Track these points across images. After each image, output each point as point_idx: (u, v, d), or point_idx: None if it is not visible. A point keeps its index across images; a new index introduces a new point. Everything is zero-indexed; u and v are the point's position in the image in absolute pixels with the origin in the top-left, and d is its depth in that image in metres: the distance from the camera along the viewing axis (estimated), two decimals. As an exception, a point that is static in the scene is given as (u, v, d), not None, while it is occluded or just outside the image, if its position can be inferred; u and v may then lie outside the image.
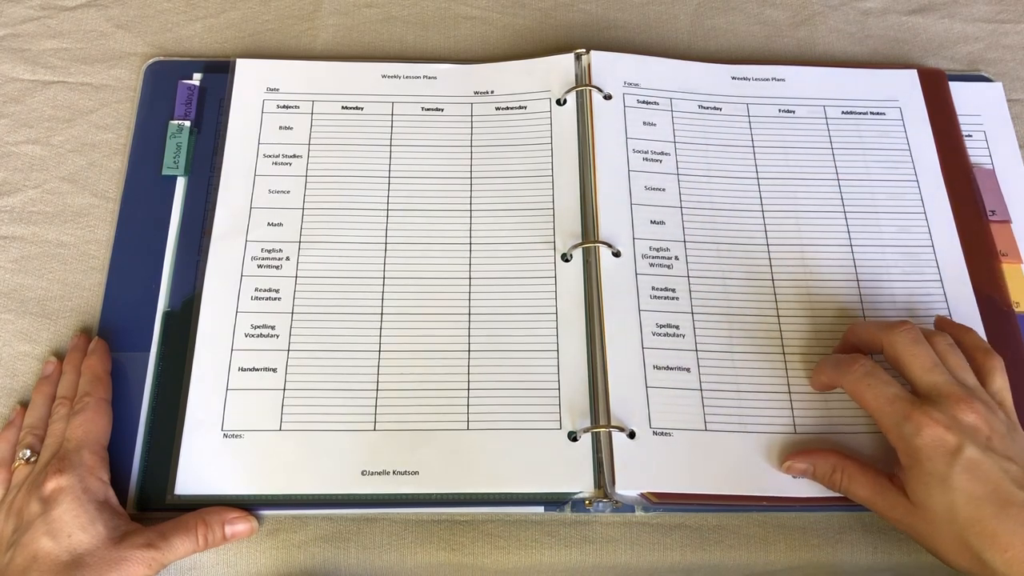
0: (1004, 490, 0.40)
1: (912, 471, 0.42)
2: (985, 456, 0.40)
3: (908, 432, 0.42)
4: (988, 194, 0.56)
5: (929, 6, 0.66)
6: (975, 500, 0.40)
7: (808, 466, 0.46)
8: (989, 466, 0.40)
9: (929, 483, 0.41)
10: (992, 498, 0.40)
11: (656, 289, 0.52)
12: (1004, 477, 0.40)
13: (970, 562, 0.40)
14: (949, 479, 0.40)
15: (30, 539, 0.42)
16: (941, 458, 0.41)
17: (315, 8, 0.64)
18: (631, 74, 0.58)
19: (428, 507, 0.48)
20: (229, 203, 0.54)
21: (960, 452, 0.40)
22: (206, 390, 0.49)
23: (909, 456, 0.42)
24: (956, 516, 0.40)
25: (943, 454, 0.41)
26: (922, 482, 0.41)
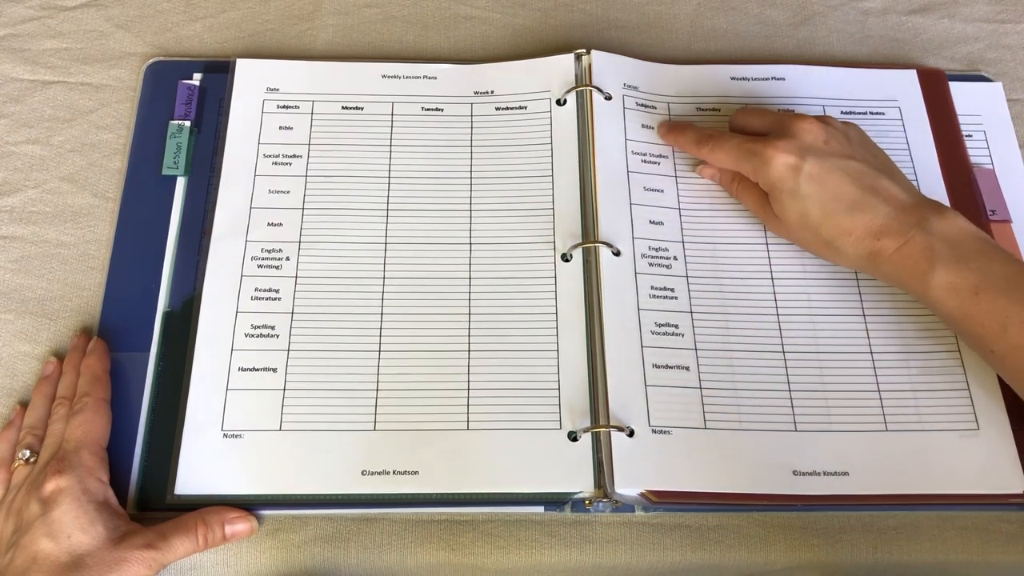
0: (844, 189, 0.47)
1: (772, 196, 0.50)
2: (824, 161, 0.48)
3: (760, 166, 0.49)
4: (988, 194, 0.56)
5: (929, 6, 0.66)
6: (821, 202, 0.48)
7: (715, 172, 0.55)
8: (829, 168, 0.48)
9: (782, 199, 0.49)
10: (834, 197, 0.47)
11: (655, 288, 0.52)
12: (843, 177, 0.48)
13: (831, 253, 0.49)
14: (797, 191, 0.48)
15: (30, 540, 0.42)
16: (789, 177, 0.48)
17: (315, 8, 0.64)
18: (630, 77, 0.58)
19: (428, 507, 0.48)
20: (229, 203, 0.54)
21: (801, 166, 0.48)
22: (206, 390, 0.49)
23: (768, 186, 0.50)
24: (809, 220, 0.48)
25: (789, 172, 0.48)
26: (779, 201, 0.49)
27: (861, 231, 0.47)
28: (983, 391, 0.49)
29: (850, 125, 0.52)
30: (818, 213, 0.48)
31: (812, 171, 0.48)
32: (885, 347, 0.51)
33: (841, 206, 0.47)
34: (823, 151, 0.48)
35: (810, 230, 0.49)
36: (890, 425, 0.49)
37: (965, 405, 0.49)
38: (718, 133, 0.53)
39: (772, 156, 0.49)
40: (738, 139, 0.51)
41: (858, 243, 0.47)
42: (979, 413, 0.49)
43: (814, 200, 0.48)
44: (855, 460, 0.47)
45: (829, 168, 0.48)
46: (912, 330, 0.51)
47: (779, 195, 0.49)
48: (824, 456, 0.47)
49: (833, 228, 0.48)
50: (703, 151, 0.53)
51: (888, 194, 0.47)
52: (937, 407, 0.49)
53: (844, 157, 0.48)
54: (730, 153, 0.51)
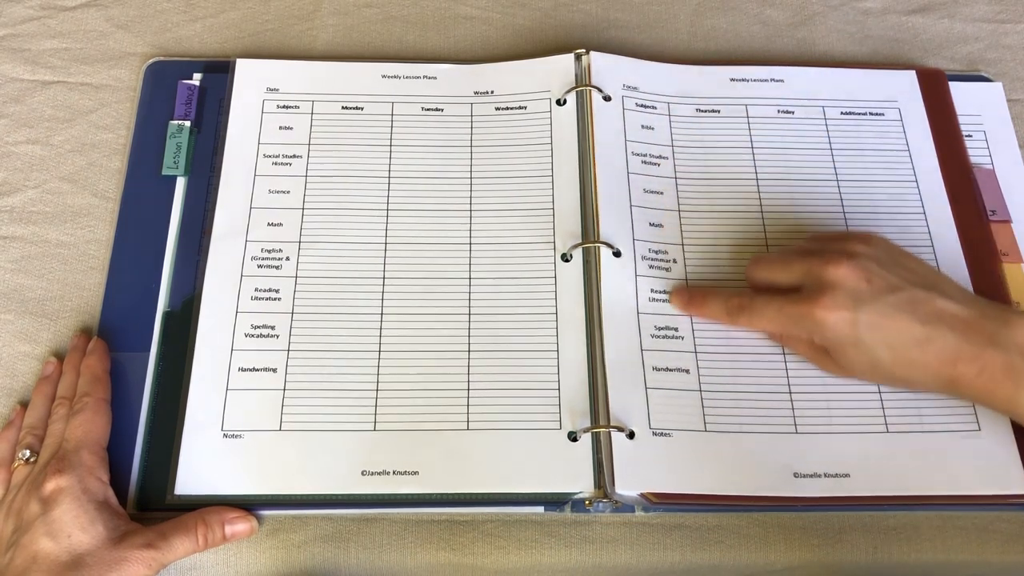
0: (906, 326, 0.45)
1: (833, 352, 0.47)
2: (877, 305, 0.45)
3: (813, 329, 0.47)
4: (988, 194, 0.56)
5: (929, 6, 0.66)
6: (888, 346, 0.45)
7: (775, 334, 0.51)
8: (885, 311, 0.45)
9: (847, 353, 0.47)
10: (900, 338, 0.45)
11: (655, 291, 0.52)
12: (903, 314, 0.45)
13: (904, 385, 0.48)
14: (860, 343, 0.46)
15: (30, 540, 0.42)
16: (848, 332, 0.46)
17: (315, 8, 0.64)
18: (630, 77, 0.58)
19: (428, 507, 0.48)
20: (229, 203, 0.54)
21: (857, 318, 0.45)
22: (206, 390, 0.49)
23: (826, 344, 0.47)
24: (880, 365, 0.46)
25: (847, 328, 0.45)
26: (843, 355, 0.47)
27: (935, 363, 0.45)
28: None
29: (872, 240, 0.48)
30: (888, 357, 0.45)
31: (870, 320, 0.45)
32: None
33: (909, 344, 0.45)
34: (872, 293, 0.45)
35: (881, 373, 0.47)
36: (891, 426, 0.49)
37: (966, 406, 0.49)
38: (748, 298, 0.49)
39: (823, 317, 0.45)
40: (776, 303, 0.48)
41: (935, 375, 0.45)
42: (980, 414, 0.49)
43: (880, 346, 0.45)
44: (856, 462, 0.47)
45: (885, 311, 0.45)
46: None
47: (842, 350, 0.47)
48: (825, 458, 0.47)
49: (905, 367, 0.46)
50: (740, 322, 0.50)
51: (950, 315, 0.45)
52: (938, 408, 0.49)
53: (893, 291, 0.46)
54: (773, 321, 0.48)
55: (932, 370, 0.45)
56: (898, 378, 0.47)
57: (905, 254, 0.48)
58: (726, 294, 0.50)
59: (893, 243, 0.49)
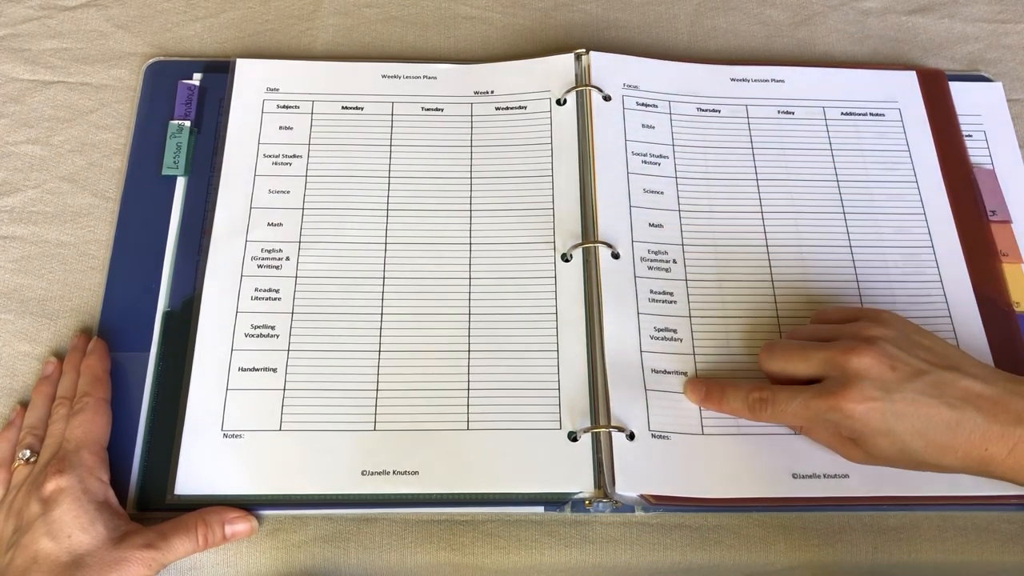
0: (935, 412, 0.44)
1: (861, 441, 0.45)
2: (905, 393, 0.44)
3: (842, 421, 0.45)
4: (988, 194, 0.56)
5: (929, 6, 0.66)
6: (917, 432, 0.44)
7: None
8: (913, 398, 0.44)
9: (876, 441, 0.45)
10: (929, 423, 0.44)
11: (654, 292, 0.52)
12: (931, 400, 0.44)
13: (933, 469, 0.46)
14: (890, 431, 0.44)
15: (30, 540, 0.42)
16: (877, 422, 0.44)
17: (315, 8, 0.64)
18: (630, 76, 0.58)
19: (428, 507, 0.48)
20: (229, 203, 0.54)
21: (886, 408, 0.44)
22: (206, 390, 0.49)
23: (854, 435, 0.45)
24: (909, 452, 0.44)
25: (877, 418, 0.44)
26: (872, 444, 0.45)
27: (965, 446, 0.44)
28: None
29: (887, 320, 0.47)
30: (919, 444, 0.44)
31: (900, 409, 0.44)
32: None
33: (939, 429, 0.44)
34: (898, 381, 0.44)
35: (912, 460, 0.45)
36: (890, 426, 0.48)
37: None
38: (769, 392, 0.47)
39: (852, 409, 0.44)
40: (801, 397, 0.46)
41: (965, 457, 0.44)
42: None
43: (910, 434, 0.44)
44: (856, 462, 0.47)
45: (914, 398, 0.44)
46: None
47: (873, 441, 0.45)
48: (824, 459, 0.47)
49: (937, 453, 0.44)
50: (763, 417, 0.47)
51: (976, 395, 0.44)
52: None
53: (919, 376, 0.45)
54: (799, 416, 0.46)
55: (962, 453, 0.44)
56: (929, 464, 0.45)
57: (920, 331, 0.47)
58: (746, 388, 0.48)
59: (907, 320, 0.48)
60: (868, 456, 0.46)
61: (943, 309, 0.52)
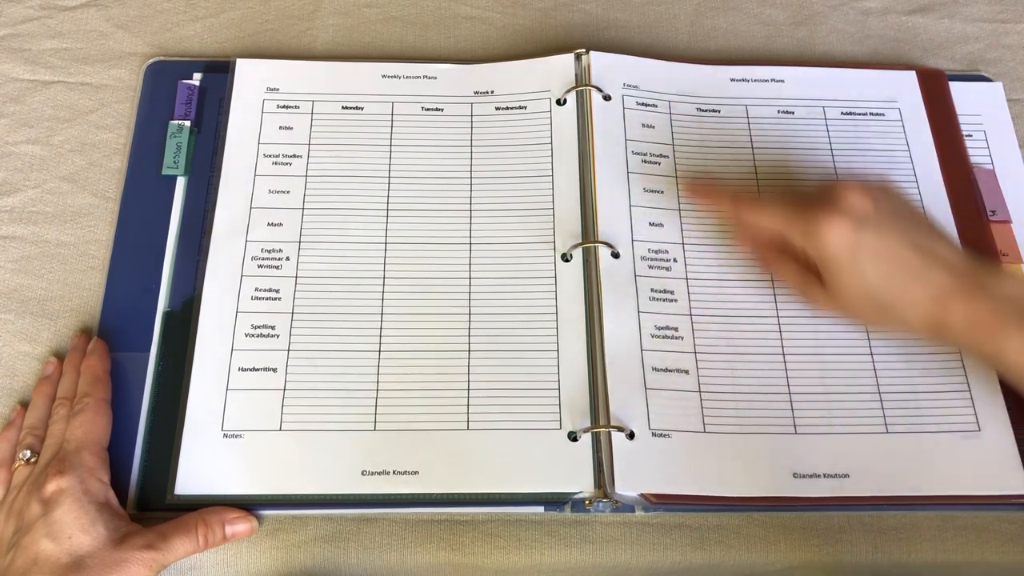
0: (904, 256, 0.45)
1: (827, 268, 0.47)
2: (881, 231, 0.46)
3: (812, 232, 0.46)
4: (988, 194, 0.56)
5: (929, 6, 0.66)
6: (882, 272, 0.45)
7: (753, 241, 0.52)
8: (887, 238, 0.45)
9: (841, 271, 0.46)
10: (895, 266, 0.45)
11: (655, 291, 0.52)
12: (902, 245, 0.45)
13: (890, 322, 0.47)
14: (856, 263, 0.45)
15: (31, 541, 0.42)
16: (846, 249, 0.45)
17: (315, 8, 0.64)
18: (630, 76, 0.58)
19: (428, 507, 0.48)
20: (229, 203, 0.54)
21: (859, 238, 0.45)
22: (206, 390, 0.49)
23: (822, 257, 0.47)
24: (869, 291, 0.46)
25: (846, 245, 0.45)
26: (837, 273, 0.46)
27: (925, 300, 0.45)
28: (984, 392, 0.49)
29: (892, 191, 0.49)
30: (882, 284, 0.45)
31: (871, 243, 0.45)
32: (885, 349, 0.51)
33: (903, 275, 0.45)
34: (877, 218, 0.46)
35: (871, 305, 0.46)
36: (891, 427, 0.49)
37: (966, 406, 0.49)
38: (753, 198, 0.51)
39: (827, 228, 0.45)
40: (783, 201, 0.49)
41: (924, 314, 0.45)
42: (980, 414, 0.49)
43: (876, 272, 0.45)
44: (856, 462, 0.47)
45: (888, 237, 0.46)
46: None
47: (837, 270, 0.46)
48: (824, 458, 0.47)
49: (897, 299, 0.45)
50: (743, 212, 0.50)
51: (944, 258, 0.45)
52: (938, 408, 0.49)
53: (898, 219, 0.46)
54: (776, 218, 0.48)
55: (922, 308, 0.45)
56: (886, 310, 0.46)
57: (909, 201, 0.50)
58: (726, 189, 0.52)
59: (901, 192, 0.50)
60: (829, 297, 0.48)
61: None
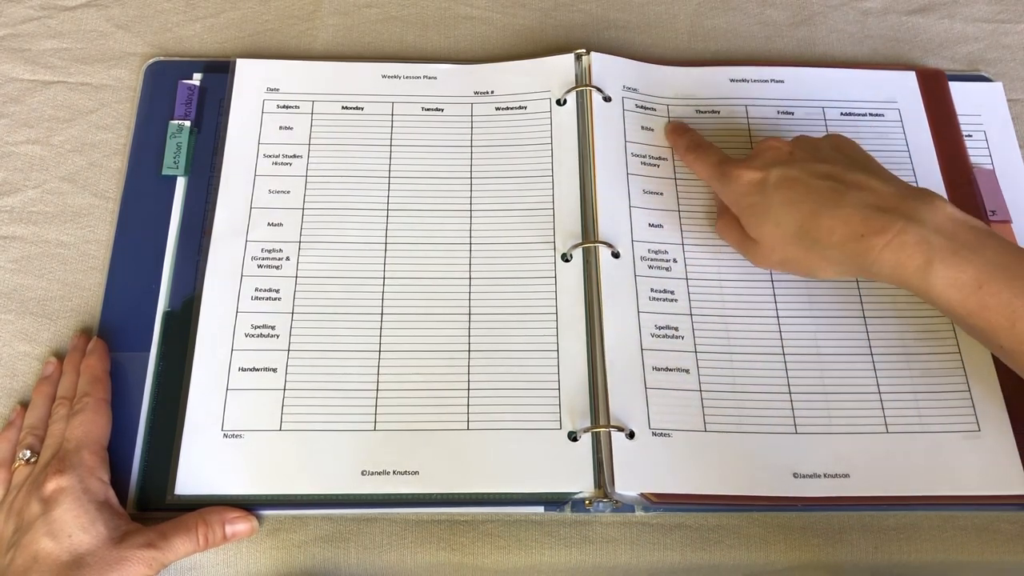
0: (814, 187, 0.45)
1: (743, 218, 0.48)
2: (789, 168, 0.46)
3: (726, 185, 0.48)
4: (988, 194, 0.56)
5: (929, 6, 0.66)
6: (792, 205, 0.45)
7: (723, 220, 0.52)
8: (795, 174, 0.45)
9: (754, 215, 0.47)
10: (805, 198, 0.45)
11: (655, 291, 0.52)
12: (812, 178, 0.45)
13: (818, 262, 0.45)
14: (765, 203, 0.46)
15: (31, 540, 0.42)
16: (755, 191, 0.46)
17: (315, 8, 0.64)
18: (630, 79, 0.58)
19: (428, 507, 0.48)
20: (229, 203, 0.54)
21: (767, 178, 0.46)
22: (206, 390, 0.49)
23: (737, 208, 0.48)
24: (785, 230, 0.45)
25: (755, 188, 0.46)
26: (752, 219, 0.47)
27: (842, 228, 0.43)
28: (984, 392, 0.49)
29: (831, 136, 0.50)
30: (791, 219, 0.45)
31: (777, 179, 0.45)
32: (885, 349, 0.51)
33: (814, 206, 0.44)
34: (788, 161, 0.47)
35: (789, 241, 0.45)
36: (891, 427, 0.49)
37: (966, 406, 0.49)
38: (705, 144, 0.53)
39: (738, 174, 0.48)
40: (717, 157, 0.51)
41: (843, 244, 0.43)
42: (980, 414, 0.49)
43: (784, 207, 0.45)
44: (856, 462, 0.47)
45: (795, 174, 0.45)
46: (912, 332, 0.51)
47: (750, 212, 0.47)
48: (825, 458, 0.47)
49: (811, 231, 0.44)
50: (688, 158, 0.54)
51: (865, 185, 0.44)
52: (938, 409, 0.49)
53: (813, 161, 0.46)
54: (706, 168, 0.51)
55: (838, 238, 0.43)
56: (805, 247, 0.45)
57: (856, 146, 0.49)
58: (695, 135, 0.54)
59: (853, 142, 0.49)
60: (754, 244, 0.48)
61: (943, 309, 0.52)
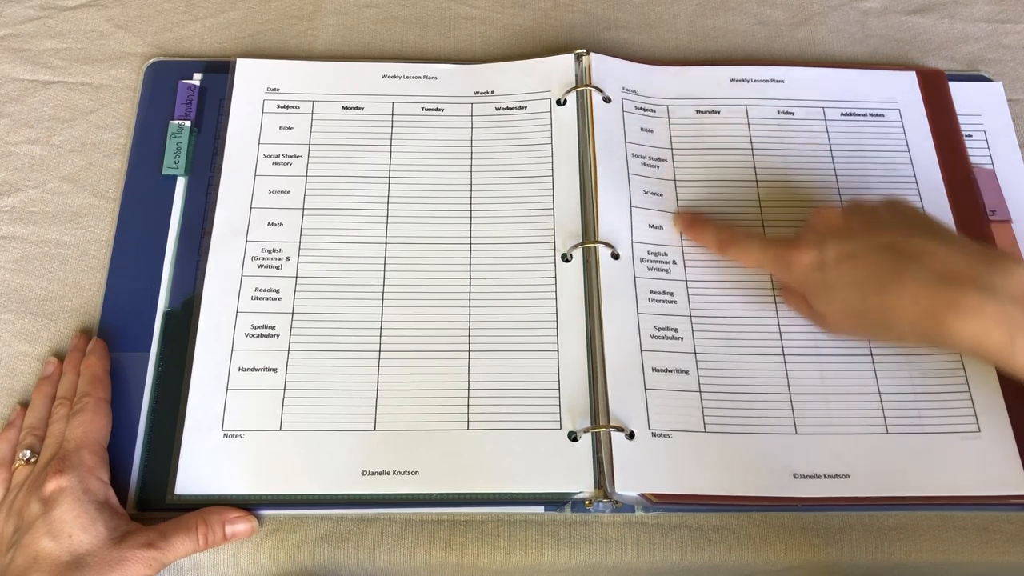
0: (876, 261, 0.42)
1: (808, 295, 0.46)
2: (846, 243, 0.43)
3: (785, 269, 0.47)
4: (988, 194, 0.56)
5: (929, 6, 0.66)
6: (855, 284, 0.42)
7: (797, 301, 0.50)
8: (854, 248, 0.43)
9: (818, 294, 0.45)
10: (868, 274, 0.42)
11: (654, 292, 0.52)
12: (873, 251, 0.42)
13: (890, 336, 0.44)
14: (827, 282, 0.44)
15: (31, 540, 0.42)
16: (815, 270, 0.44)
17: (315, 8, 0.64)
18: (629, 80, 0.58)
19: (428, 507, 0.48)
20: (229, 203, 0.54)
21: (824, 255, 0.44)
22: (206, 390, 0.49)
23: (800, 286, 0.46)
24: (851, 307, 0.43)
25: (814, 266, 0.44)
26: (816, 297, 0.45)
27: (910, 307, 0.40)
28: (984, 393, 0.49)
29: (888, 199, 0.46)
30: (857, 297, 0.42)
31: (835, 256, 0.43)
32: (885, 349, 0.51)
33: (878, 284, 0.41)
34: (844, 233, 0.44)
35: (857, 318, 0.43)
36: (891, 427, 0.49)
37: (966, 407, 0.49)
38: (741, 234, 0.49)
39: (795, 256, 0.45)
40: (762, 241, 0.49)
41: (914, 322, 0.40)
42: (980, 415, 0.49)
43: (847, 285, 0.42)
44: (856, 463, 0.47)
45: (853, 248, 0.43)
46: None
47: (813, 291, 0.45)
48: (825, 459, 0.47)
49: (878, 309, 0.41)
50: (728, 253, 0.50)
51: (928, 252, 0.40)
52: (938, 409, 0.49)
53: (870, 229, 0.43)
54: (756, 259, 0.48)
55: (910, 315, 0.40)
56: (874, 323, 0.43)
57: (916, 209, 0.45)
58: (721, 226, 0.51)
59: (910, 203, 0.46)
60: (821, 317, 0.46)
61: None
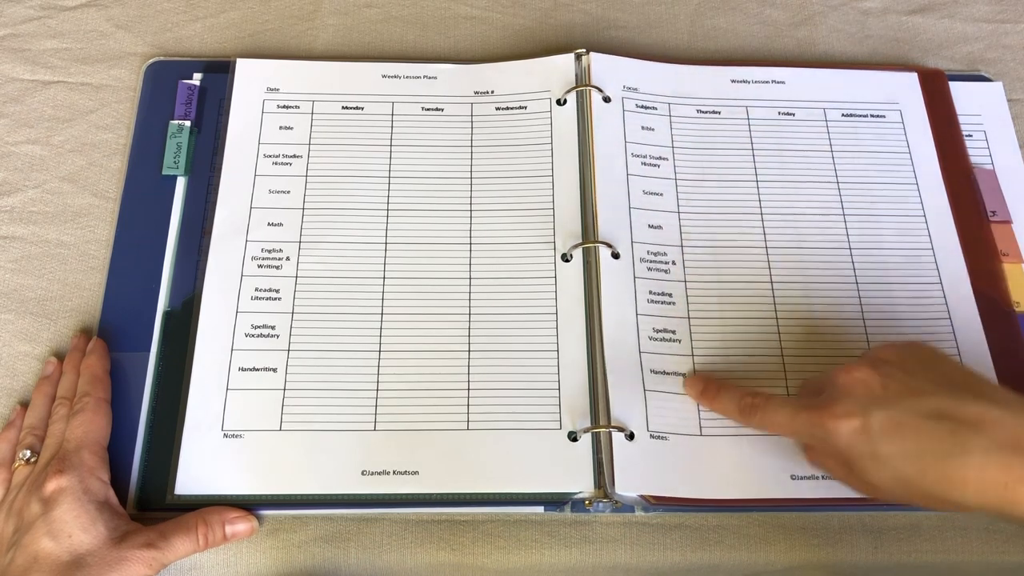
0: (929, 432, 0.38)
1: (852, 465, 0.41)
2: (892, 410, 0.39)
3: (824, 439, 0.41)
4: (988, 194, 0.56)
5: (929, 6, 0.66)
6: (910, 457, 0.38)
7: None
8: (902, 416, 0.39)
9: (865, 466, 0.40)
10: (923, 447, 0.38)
11: (653, 294, 0.52)
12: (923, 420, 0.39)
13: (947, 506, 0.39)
14: (877, 454, 0.39)
15: (31, 540, 0.42)
16: (861, 441, 0.40)
17: (315, 8, 0.64)
18: (629, 78, 0.58)
19: (428, 507, 0.48)
20: (229, 203, 0.54)
21: (869, 425, 0.39)
22: (206, 390, 0.49)
23: (842, 457, 0.41)
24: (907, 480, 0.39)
25: (859, 437, 0.40)
26: (863, 470, 0.40)
27: (977, 481, 0.37)
28: None
29: (912, 349, 0.43)
30: (913, 470, 0.38)
31: (883, 426, 0.39)
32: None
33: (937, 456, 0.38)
34: (888, 397, 0.40)
35: (913, 491, 0.39)
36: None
37: None
38: (761, 398, 0.45)
39: (835, 425, 0.40)
40: (790, 406, 0.43)
41: (981, 494, 0.37)
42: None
43: (900, 458, 0.39)
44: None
45: (901, 416, 0.39)
46: (911, 332, 0.51)
47: (860, 463, 0.40)
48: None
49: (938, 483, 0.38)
50: (752, 422, 0.45)
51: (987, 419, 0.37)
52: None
53: (915, 394, 0.40)
54: (785, 426, 0.44)
55: (976, 488, 0.37)
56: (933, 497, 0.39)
57: (943, 358, 0.43)
58: (741, 391, 0.46)
59: (932, 347, 0.43)
60: (868, 485, 0.41)
61: (943, 310, 0.52)
